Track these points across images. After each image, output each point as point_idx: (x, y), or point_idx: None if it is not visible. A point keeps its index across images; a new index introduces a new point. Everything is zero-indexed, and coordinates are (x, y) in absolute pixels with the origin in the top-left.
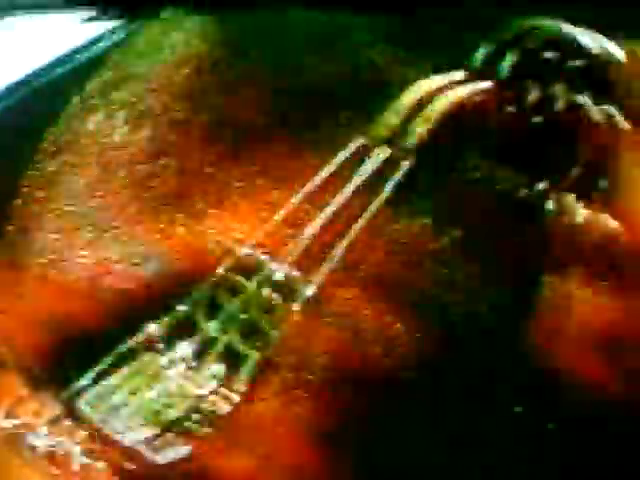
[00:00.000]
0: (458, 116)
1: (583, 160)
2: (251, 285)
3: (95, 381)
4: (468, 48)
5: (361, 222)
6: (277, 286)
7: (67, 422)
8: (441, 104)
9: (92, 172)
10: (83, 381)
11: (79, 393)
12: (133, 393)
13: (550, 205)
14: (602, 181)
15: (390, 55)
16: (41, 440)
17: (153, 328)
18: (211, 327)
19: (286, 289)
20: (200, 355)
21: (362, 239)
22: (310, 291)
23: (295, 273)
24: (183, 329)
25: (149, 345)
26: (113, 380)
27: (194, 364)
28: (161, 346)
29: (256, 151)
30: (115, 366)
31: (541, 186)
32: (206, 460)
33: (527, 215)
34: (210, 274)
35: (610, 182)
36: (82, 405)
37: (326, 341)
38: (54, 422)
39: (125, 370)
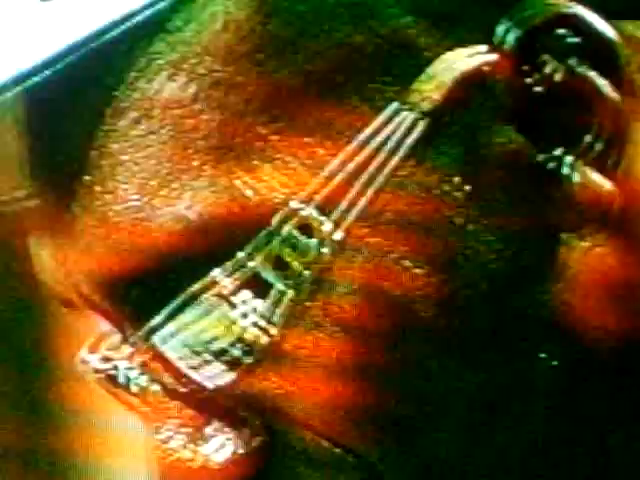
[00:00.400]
0: (470, 83)
1: (596, 129)
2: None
3: (167, 320)
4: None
5: (384, 174)
6: (308, 229)
7: (144, 356)
8: (455, 71)
9: (159, 129)
10: (157, 319)
11: (153, 330)
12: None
13: (566, 170)
14: (616, 150)
15: (419, 27)
16: (121, 373)
17: (217, 272)
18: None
19: (316, 233)
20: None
21: (385, 190)
22: (338, 235)
23: (323, 217)
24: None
25: (213, 287)
26: (183, 319)
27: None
28: (226, 291)
29: (304, 112)
30: (184, 306)
31: (557, 152)
32: (247, 386)
33: (543, 178)
34: (266, 225)
35: (623, 152)
36: (157, 341)
37: (355, 281)
38: (133, 356)
39: (194, 311)
